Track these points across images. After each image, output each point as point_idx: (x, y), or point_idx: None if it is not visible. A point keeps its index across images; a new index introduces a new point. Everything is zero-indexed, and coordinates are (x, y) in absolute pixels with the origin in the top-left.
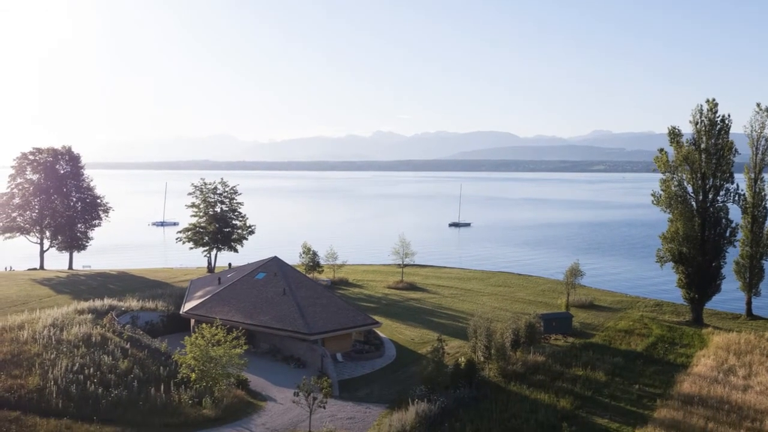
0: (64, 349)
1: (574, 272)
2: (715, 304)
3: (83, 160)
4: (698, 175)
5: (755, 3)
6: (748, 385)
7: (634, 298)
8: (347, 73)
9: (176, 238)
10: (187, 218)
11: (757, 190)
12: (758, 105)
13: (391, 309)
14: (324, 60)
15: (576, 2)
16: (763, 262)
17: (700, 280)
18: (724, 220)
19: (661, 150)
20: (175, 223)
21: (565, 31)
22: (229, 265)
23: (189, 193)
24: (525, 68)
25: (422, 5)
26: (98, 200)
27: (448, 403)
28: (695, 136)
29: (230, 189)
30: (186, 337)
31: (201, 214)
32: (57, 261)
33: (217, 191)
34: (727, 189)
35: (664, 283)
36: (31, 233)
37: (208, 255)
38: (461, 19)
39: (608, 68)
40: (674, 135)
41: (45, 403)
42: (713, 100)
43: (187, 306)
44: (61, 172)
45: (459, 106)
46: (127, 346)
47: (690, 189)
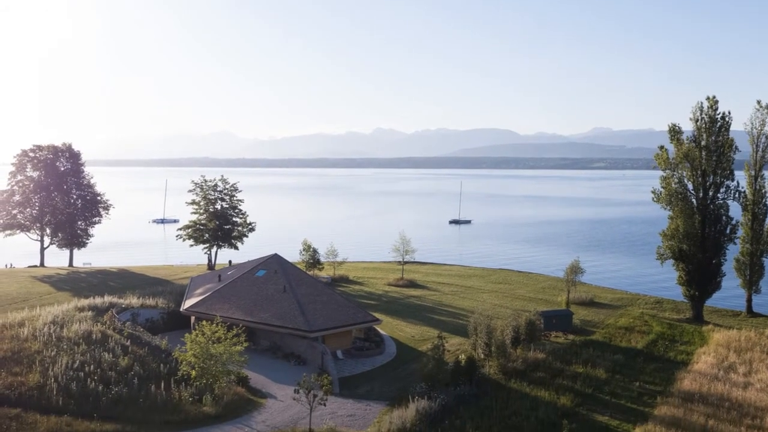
0: (65, 346)
1: (575, 269)
2: (715, 301)
3: (83, 158)
4: (699, 172)
5: (756, 0)
6: (748, 383)
7: (634, 295)
8: (347, 71)
9: (176, 236)
10: (187, 215)
11: (757, 187)
12: (758, 102)
13: (392, 306)
14: (324, 57)
15: None
16: (764, 259)
17: (701, 278)
18: (724, 217)
19: (661, 147)
20: (175, 221)
21: (565, 28)
22: (230, 262)
23: (189, 191)
24: (526, 65)
25: (423, 2)
26: (98, 197)
27: (448, 400)
28: (696, 134)
29: (230, 186)
30: (186, 335)
31: (201, 211)
32: (57, 258)
33: (218, 188)
34: (728, 186)
35: (664, 281)
36: (32, 230)
37: (208, 252)
38: (462, 16)
39: (608, 65)
40: (674, 132)
41: (45, 401)
42: (714, 97)
43: (188, 303)
44: (62, 169)
45: (460, 103)
46: (128, 343)
47: (690, 186)
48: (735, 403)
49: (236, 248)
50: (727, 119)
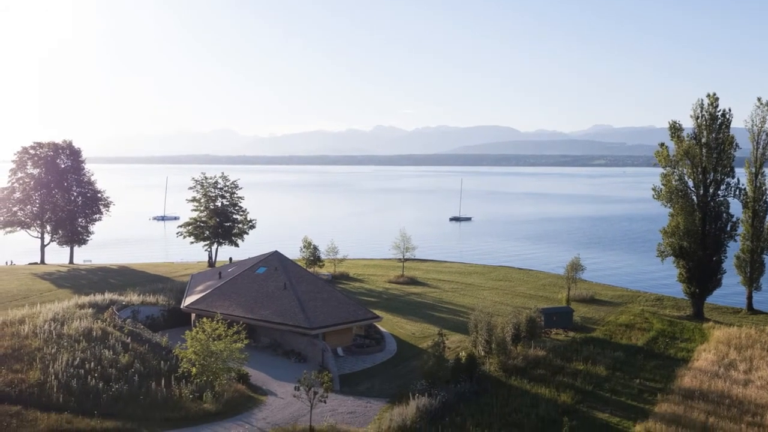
0: (65, 343)
1: (575, 267)
2: (715, 298)
3: (84, 155)
4: (699, 169)
5: None
6: (748, 380)
7: (634, 292)
8: (348, 68)
9: (177, 233)
10: (187, 213)
11: (757, 184)
12: (759, 99)
13: (392, 303)
14: (324, 55)
15: None
16: (764, 256)
17: (701, 275)
18: (724, 214)
19: (661, 144)
20: (175, 218)
21: (565, 25)
22: (230, 259)
23: (190, 188)
24: (526, 63)
25: (423, 0)
26: (99, 194)
27: (448, 397)
28: (696, 131)
29: (231, 183)
30: (187, 332)
31: (202, 208)
32: (58, 255)
33: (218, 186)
34: (728, 183)
35: (664, 278)
36: (32, 227)
37: (208, 249)
38: (462, 13)
39: (609, 62)
40: (675, 129)
41: (46, 398)
42: (714, 94)
43: (188, 300)
44: (62, 166)
45: (460, 100)
46: (128, 340)
47: (691, 183)
48: (735, 400)
49: (237, 245)
50: (727, 116)
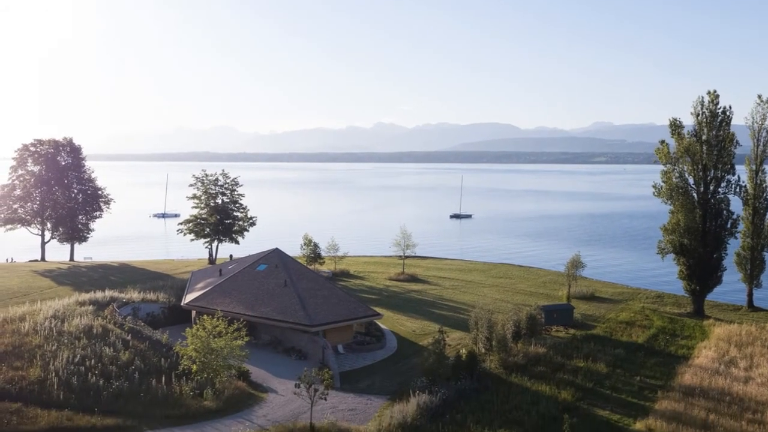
0: (66, 340)
1: (576, 264)
2: (716, 295)
3: (84, 152)
4: (699, 166)
5: None
6: (749, 377)
7: (635, 289)
8: (348, 65)
9: (177, 230)
10: (188, 210)
11: (758, 181)
12: (759, 97)
13: (392, 300)
14: (325, 52)
15: None
16: (765, 253)
17: (701, 272)
18: (725, 211)
19: (662, 141)
20: (176, 215)
21: (566, 22)
22: (231, 256)
23: (190, 185)
24: (526, 60)
25: None
26: (99, 192)
27: (449, 394)
28: (696, 128)
29: (231, 180)
30: (187, 329)
31: (202, 205)
32: (58, 252)
33: (219, 183)
34: (729, 180)
35: (665, 275)
36: (33, 225)
37: (209, 246)
38: (462, 10)
39: (609, 60)
40: (675, 126)
41: (46, 395)
42: (714, 91)
43: (189, 297)
44: (63, 163)
45: (460, 97)
46: (129, 337)
47: (691, 180)
48: (736, 397)
49: (237, 243)
50: (727, 114)
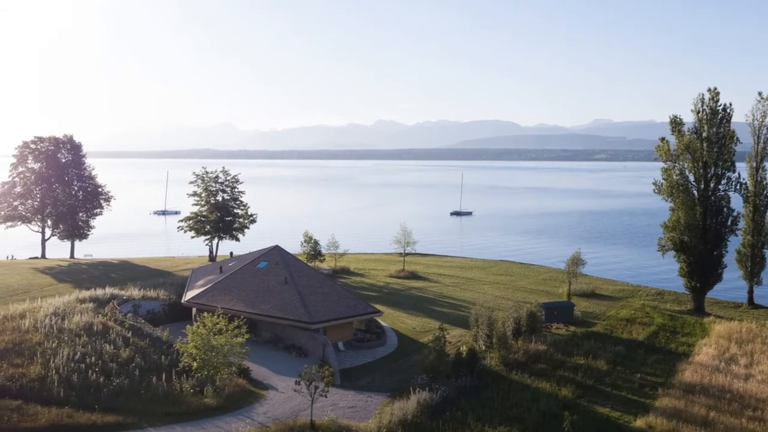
0: (66, 338)
1: (576, 261)
2: (716, 293)
3: (85, 149)
4: (700, 163)
5: None
6: (749, 374)
7: (635, 286)
8: (349, 62)
9: (178, 227)
10: (188, 207)
11: (758, 179)
12: (760, 94)
13: (393, 298)
14: (326, 49)
15: None
16: (765, 251)
17: (702, 269)
18: (725, 208)
19: (662, 139)
20: (176, 212)
21: (566, 19)
22: (231, 254)
23: (190, 182)
24: (527, 57)
25: None
26: (100, 189)
27: (449, 391)
28: (697, 125)
29: (232, 178)
30: (187, 326)
31: (202, 202)
32: (58, 250)
33: (219, 180)
34: (729, 178)
35: (665, 272)
36: (33, 222)
37: (209, 244)
38: (463, 8)
39: (610, 57)
40: (675, 124)
41: (46, 392)
42: (715, 89)
43: (189, 295)
44: (63, 160)
45: (461, 95)
46: (129, 334)
47: (691, 178)
48: (736, 394)
49: (237, 240)
50: (728, 111)
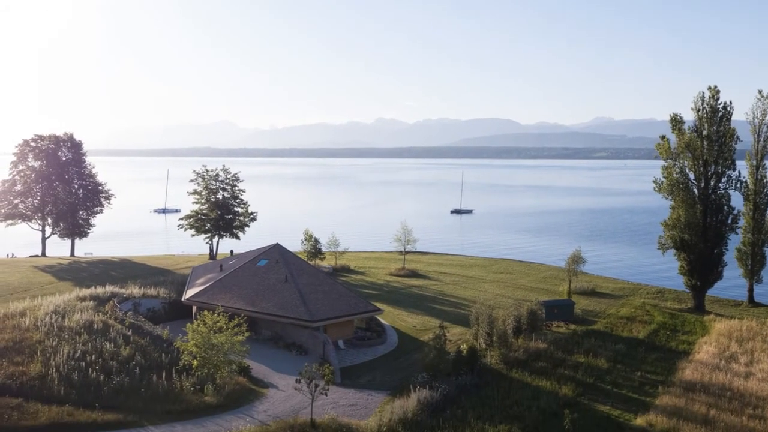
0: (66, 336)
1: (576, 259)
2: (716, 291)
3: (85, 147)
4: (700, 162)
5: None
6: (749, 372)
7: (635, 285)
8: (349, 60)
9: (178, 225)
10: (188, 205)
11: (758, 177)
12: (760, 92)
13: (393, 296)
14: (326, 47)
15: None
16: (765, 249)
17: (702, 267)
18: (725, 207)
19: (662, 137)
20: (176, 210)
21: (566, 18)
22: (231, 252)
23: (191, 180)
24: (527, 55)
25: None
26: (100, 187)
27: (450, 390)
28: (697, 123)
29: (232, 176)
30: (188, 324)
31: (203, 201)
32: (59, 248)
33: (219, 178)
34: (729, 176)
35: (665, 270)
36: (33, 220)
37: (209, 242)
38: (463, 6)
39: (610, 55)
40: (676, 122)
41: (47, 390)
42: (715, 87)
43: (189, 293)
44: (63, 159)
45: (461, 93)
46: (129, 333)
47: (692, 176)
48: (736, 392)
49: (238, 238)
50: (728, 109)
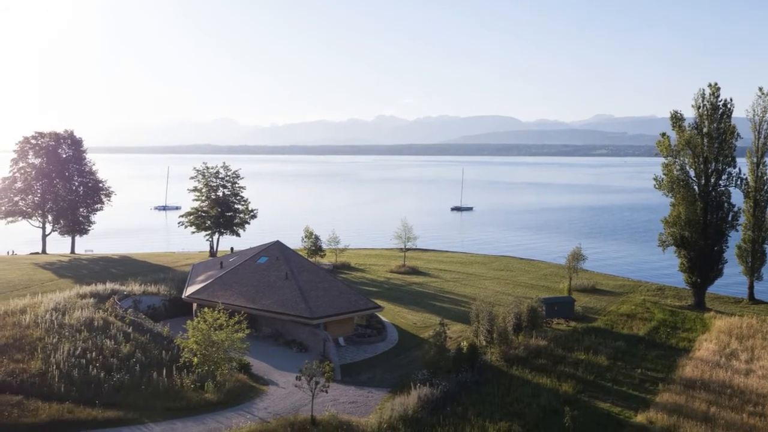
0: (66, 333)
1: (576, 256)
2: (717, 288)
3: (85, 145)
4: (700, 159)
5: None
6: (750, 369)
7: (636, 282)
8: (349, 58)
9: (178, 223)
10: (189, 202)
11: (759, 174)
12: (760, 89)
13: (393, 293)
14: (326, 44)
15: None
16: (765, 246)
17: (702, 265)
18: (726, 204)
19: (663, 134)
20: (177, 208)
21: (566, 14)
22: (231, 249)
23: (191, 178)
24: (527, 52)
25: None
26: (100, 184)
27: (450, 387)
28: (697, 121)
29: (232, 173)
30: (188, 321)
31: (203, 198)
32: (59, 245)
33: (219, 175)
34: (729, 173)
35: (666, 268)
36: (33, 217)
37: (210, 239)
38: (463, 3)
39: (610, 52)
40: (676, 119)
41: (47, 387)
42: (715, 84)
43: (190, 290)
44: (63, 156)
45: (461, 90)
46: (129, 330)
47: (692, 173)
48: (737, 390)
49: (238, 235)
50: (728, 106)
